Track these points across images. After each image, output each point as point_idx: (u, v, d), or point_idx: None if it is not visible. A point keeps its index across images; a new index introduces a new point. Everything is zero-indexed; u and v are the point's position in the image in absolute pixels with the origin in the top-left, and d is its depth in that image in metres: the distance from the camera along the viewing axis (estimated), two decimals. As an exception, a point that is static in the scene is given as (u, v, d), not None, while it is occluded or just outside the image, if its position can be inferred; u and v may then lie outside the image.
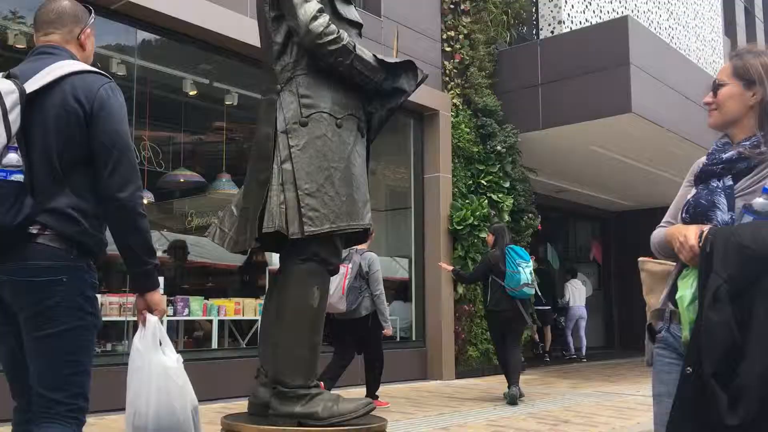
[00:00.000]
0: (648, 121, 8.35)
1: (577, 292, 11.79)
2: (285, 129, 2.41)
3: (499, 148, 8.80)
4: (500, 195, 8.79)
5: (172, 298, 6.15)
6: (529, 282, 6.32)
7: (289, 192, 2.36)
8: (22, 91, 1.95)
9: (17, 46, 5.42)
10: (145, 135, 6.35)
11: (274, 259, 6.59)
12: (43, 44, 2.14)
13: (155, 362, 2.07)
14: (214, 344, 6.55)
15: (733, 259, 1.66)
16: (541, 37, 9.82)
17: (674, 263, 1.94)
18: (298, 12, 2.37)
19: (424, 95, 7.67)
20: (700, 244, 1.74)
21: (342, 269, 5.49)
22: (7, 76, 2.00)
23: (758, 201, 1.75)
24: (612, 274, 14.58)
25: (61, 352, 1.96)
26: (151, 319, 2.08)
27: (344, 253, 6.04)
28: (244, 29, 6.16)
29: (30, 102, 1.97)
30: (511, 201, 8.85)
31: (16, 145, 1.94)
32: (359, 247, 5.67)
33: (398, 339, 8.24)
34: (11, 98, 1.93)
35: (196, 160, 7.43)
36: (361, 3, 7.96)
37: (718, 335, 1.63)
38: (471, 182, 8.79)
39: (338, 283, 5.23)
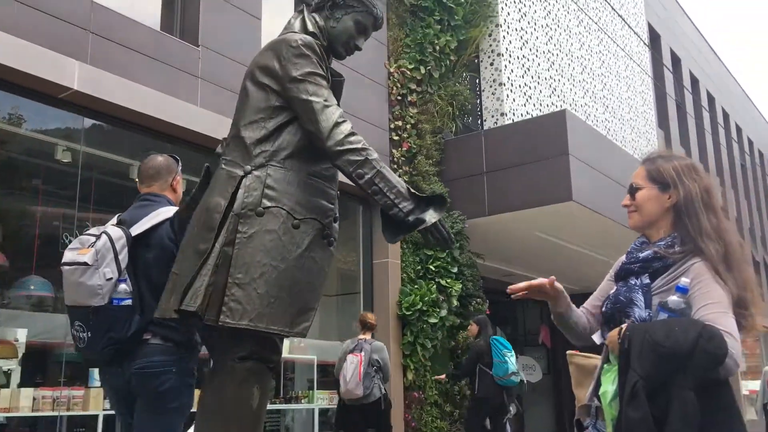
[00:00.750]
0: (587, 208, 8.66)
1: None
2: (239, 212, 2.29)
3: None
4: (448, 280, 8.88)
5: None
6: (515, 371, 6.86)
7: (220, 275, 2.23)
8: (128, 236, 2.68)
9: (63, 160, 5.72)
10: (89, 220, 6.28)
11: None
12: (146, 193, 2.93)
13: None
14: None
15: (648, 357, 1.71)
16: (485, 127, 10.21)
17: (599, 357, 2.02)
18: (319, 117, 2.29)
19: (372, 182, 7.82)
20: (619, 340, 1.80)
21: (355, 358, 6.29)
22: (118, 223, 2.75)
23: (672, 299, 1.83)
24: (561, 357, 14.63)
25: (164, 424, 2.63)
26: None
27: (353, 343, 6.59)
28: (195, 118, 6.27)
29: (137, 241, 2.70)
30: (460, 286, 8.94)
31: (125, 277, 2.64)
32: (364, 336, 6.62)
33: (346, 428, 8.04)
34: (120, 242, 2.65)
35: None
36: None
37: None
38: (419, 267, 8.87)
39: (354, 371, 6.10)
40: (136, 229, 2.71)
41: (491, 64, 10.45)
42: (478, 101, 10.58)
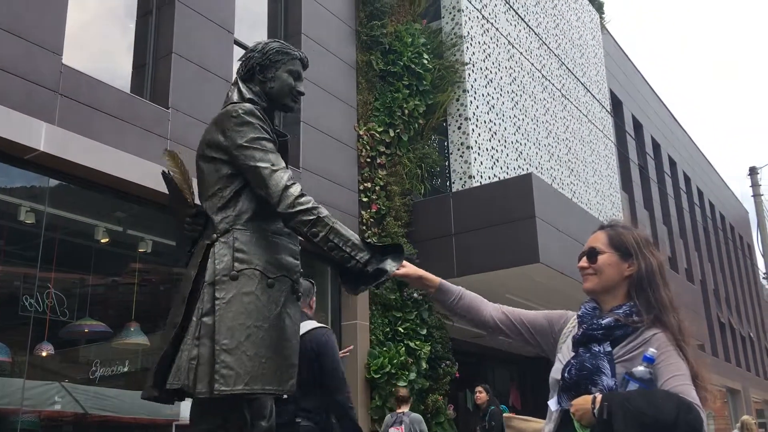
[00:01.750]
0: (555, 270, 8.74)
1: None
2: (213, 281, 2.31)
3: (415, 295, 8.94)
4: (417, 342, 8.82)
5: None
6: None
7: (204, 347, 2.23)
8: None
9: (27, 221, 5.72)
10: (51, 282, 6.15)
11: (183, 413, 6.30)
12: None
13: None
14: None
15: (633, 427, 1.71)
16: (453, 189, 10.35)
17: (539, 420, 2.03)
18: (269, 183, 2.33)
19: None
20: (595, 410, 1.79)
21: (397, 431, 6.90)
22: None
23: (639, 369, 1.84)
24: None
25: None
26: None
27: (393, 417, 7.15)
28: (161, 178, 6.25)
29: None
30: (429, 348, 8.87)
31: None
32: (402, 410, 7.24)
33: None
34: None
35: (105, 307, 7.19)
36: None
37: None
38: (388, 329, 8.81)
39: None
40: None
41: (459, 128, 10.67)
42: (446, 164, 10.75)
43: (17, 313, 5.70)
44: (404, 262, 2.36)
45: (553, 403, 1.99)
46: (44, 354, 5.79)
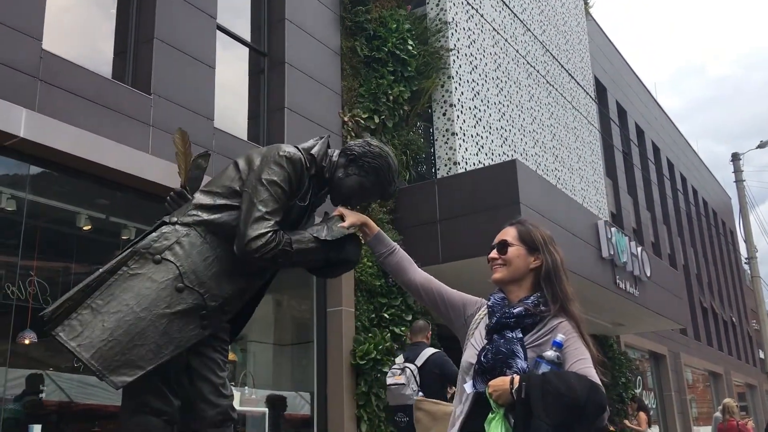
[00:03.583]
0: (539, 255, 8.78)
1: None
2: (138, 250, 2.36)
3: (400, 281, 8.96)
4: (403, 328, 8.85)
5: (50, 446, 5.69)
6: None
7: (81, 293, 2.29)
8: (416, 367, 5.45)
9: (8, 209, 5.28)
10: (33, 270, 6.11)
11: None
12: (414, 342, 5.86)
13: None
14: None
15: (553, 406, 1.85)
16: (438, 176, 10.36)
17: (449, 404, 2.14)
18: (248, 222, 2.36)
19: (325, 230, 7.82)
20: (514, 390, 1.92)
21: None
22: (405, 359, 5.62)
23: (549, 353, 2.00)
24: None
25: None
26: None
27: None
28: (145, 166, 6.21)
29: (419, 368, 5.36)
30: (414, 334, 8.91)
31: (418, 388, 5.33)
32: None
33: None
34: (415, 371, 5.45)
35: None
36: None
37: None
38: (374, 316, 8.83)
39: None
40: (419, 361, 5.49)
41: (444, 114, 10.67)
42: (431, 150, 10.76)
43: (-1, 301, 5.66)
44: (346, 213, 2.53)
45: (468, 387, 2.12)
46: (27, 342, 5.75)
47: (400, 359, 5.85)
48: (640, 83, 22.27)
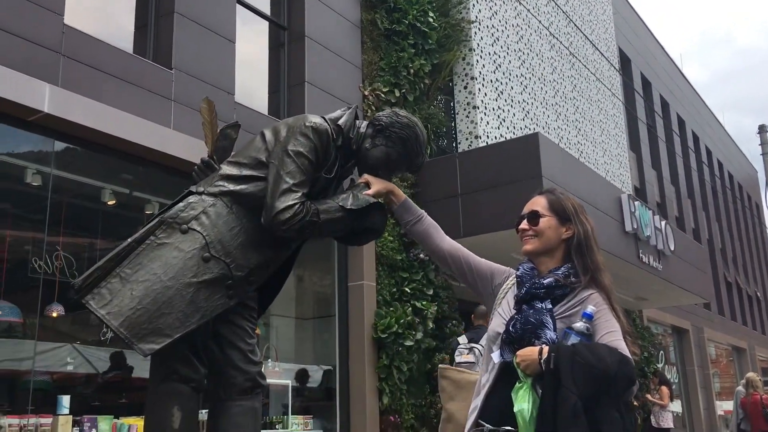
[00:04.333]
0: (562, 229, 8.73)
1: None
2: (166, 219, 2.37)
3: (422, 255, 8.97)
4: (424, 302, 8.87)
5: (78, 418, 5.79)
6: None
7: (113, 262, 2.32)
8: (481, 347, 5.03)
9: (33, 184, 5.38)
10: (59, 244, 6.19)
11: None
12: (477, 325, 6.24)
13: None
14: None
15: (582, 377, 1.84)
16: (459, 150, 10.29)
17: (474, 372, 2.12)
18: (275, 194, 2.35)
19: (347, 205, 7.83)
20: (542, 360, 1.90)
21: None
22: (470, 340, 5.87)
23: (578, 325, 1.99)
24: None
25: None
26: None
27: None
28: (167, 141, 6.23)
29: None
30: (435, 308, 8.93)
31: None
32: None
33: (322, 453, 7.97)
34: (479, 350, 5.55)
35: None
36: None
37: None
38: (395, 290, 8.85)
39: None
40: (482, 342, 5.21)
41: (465, 88, 10.56)
42: (452, 124, 10.68)
43: (27, 275, 5.75)
44: (372, 180, 2.49)
45: (496, 356, 2.10)
46: (55, 315, 5.85)
47: (463, 339, 6.07)
48: (665, 54, 21.86)
